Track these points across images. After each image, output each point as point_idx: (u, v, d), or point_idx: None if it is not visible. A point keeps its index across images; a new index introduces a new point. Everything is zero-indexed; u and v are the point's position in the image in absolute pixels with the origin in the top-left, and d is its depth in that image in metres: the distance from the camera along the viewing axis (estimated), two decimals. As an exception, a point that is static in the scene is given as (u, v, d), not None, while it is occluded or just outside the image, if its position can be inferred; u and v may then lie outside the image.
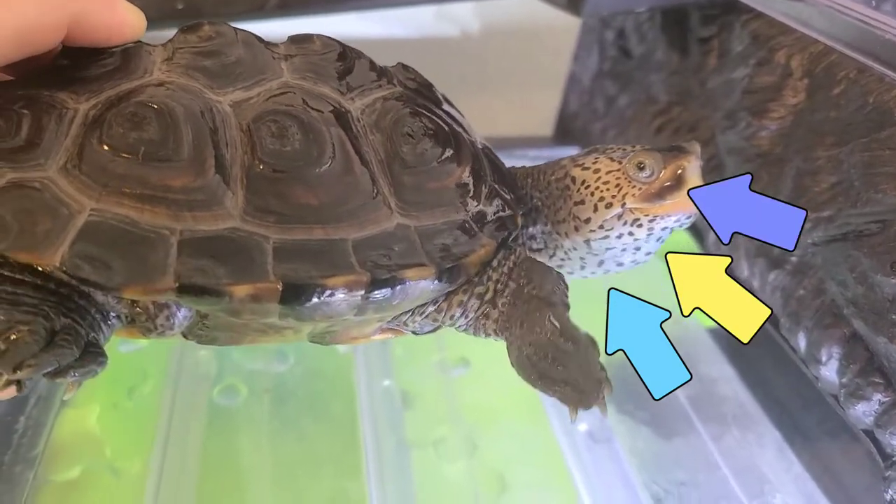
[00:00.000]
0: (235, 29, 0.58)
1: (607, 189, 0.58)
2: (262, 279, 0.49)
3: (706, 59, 0.85)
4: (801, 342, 0.70)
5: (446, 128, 0.58)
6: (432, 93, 0.62)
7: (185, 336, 0.55)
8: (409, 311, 0.58)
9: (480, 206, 0.57)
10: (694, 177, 0.56)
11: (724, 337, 0.83)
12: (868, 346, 0.63)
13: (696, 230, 0.89)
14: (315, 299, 0.51)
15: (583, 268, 0.64)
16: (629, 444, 0.72)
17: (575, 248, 0.62)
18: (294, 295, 0.50)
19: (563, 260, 0.64)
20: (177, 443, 0.69)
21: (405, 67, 0.63)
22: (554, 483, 0.70)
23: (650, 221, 0.58)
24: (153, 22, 0.63)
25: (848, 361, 0.64)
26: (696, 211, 0.56)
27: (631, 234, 0.59)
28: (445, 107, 0.62)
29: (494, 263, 0.58)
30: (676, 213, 0.57)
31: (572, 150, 1.13)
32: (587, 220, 0.59)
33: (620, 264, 0.63)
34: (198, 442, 0.70)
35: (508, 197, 0.59)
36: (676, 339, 0.82)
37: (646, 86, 0.96)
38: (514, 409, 0.77)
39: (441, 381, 0.79)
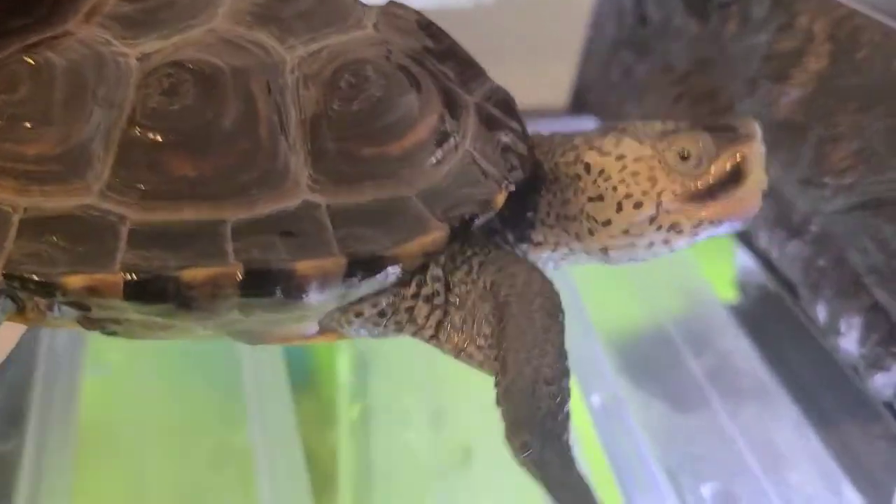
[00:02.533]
0: None
1: (636, 183, 0.46)
2: (104, 269, 0.41)
3: (726, 25, 0.83)
4: (821, 313, 0.68)
5: (409, 78, 0.48)
6: (421, 36, 0.52)
7: (84, 326, 0.49)
8: (339, 311, 0.49)
9: (440, 180, 0.46)
10: (758, 168, 0.44)
11: (740, 311, 0.82)
12: (890, 317, 0.62)
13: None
14: (169, 295, 0.42)
15: (590, 259, 0.53)
16: (643, 418, 0.71)
17: (587, 254, 0.51)
18: (141, 289, 0.42)
19: (566, 255, 0.53)
20: (52, 419, 0.66)
21: (394, 4, 0.53)
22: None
23: (694, 227, 0.46)
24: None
25: (869, 332, 0.62)
26: (757, 210, 0.45)
27: (666, 242, 0.47)
28: (435, 51, 0.52)
29: (451, 257, 0.48)
30: (734, 217, 0.45)
31: (588, 122, 1.12)
32: (606, 223, 0.47)
33: (635, 260, 0.51)
34: (74, 416, 0.66)
35: (491, 169, 0.47)
36: (693, 313, 0.82)
37: (664, 54, 0.94)
38: (483, 382, 0.75)
39: (406, 346, 0.78)
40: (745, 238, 0.79)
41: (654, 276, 0.87)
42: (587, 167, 0.48)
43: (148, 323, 0.47)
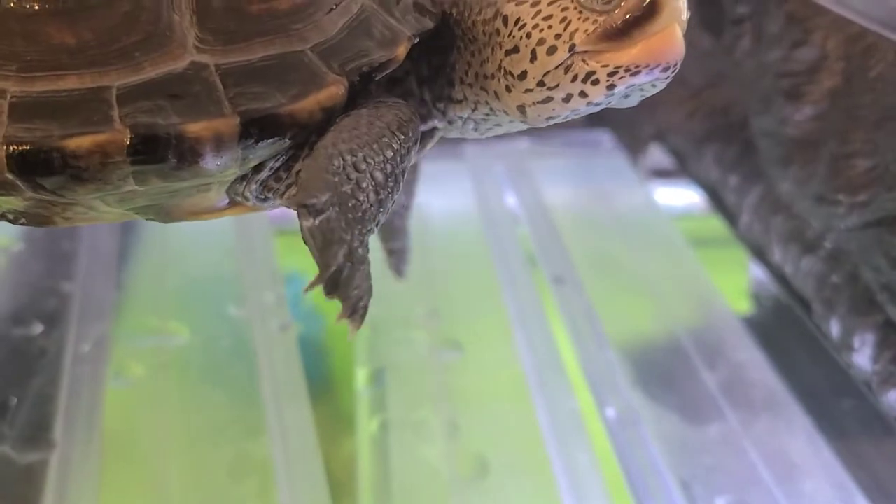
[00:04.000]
0: None
1: (549, 27, 0.43)
2: None
3: (740, 41, 0.83)
4: (835, 329, 0.69)
5: None
6: None
7: None
8: (241, 180, 0.46)
9: (336, 33, 0.44)
10: (673, 1, 0.40)
11: (754, 323, 0.82)
12: (903, 334, 0.63)
13: (726, 211, 0.88)
14: (56, 166, 0.40)
15: (512, 122, 0.50)
16: (657, 430, 0.71)
17: (507, 114, 0.48)
18: (26, 162, 0.40)
19: (487, 115, 0.50)
20: (77, 430, 0.67)
21: None
22: (534, 469, 0.68)
23: (610, 76, 0.42)
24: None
25: (882, 349, 0.63)
26: (679, 57, 0.41)
27: (583, 94, 0.43)
28: None
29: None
30: (651, 63, 0.41)
31: (603, 135, 1.13)
32: (522, 75, 0.44)
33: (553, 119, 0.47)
34: (98, 427, 0.67)
35: (391, 21, 0.45)
36: (707, 326, 0.83)
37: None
38: (501, 394, 0.75)
39: (428, 363, 0.78)
40: (759, 253, 0.80)
41: (669, 288, 0.88)
42: (505, 20, 0.45)
43: (45, 204, 0.45)
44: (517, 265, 0.90)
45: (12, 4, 0.41)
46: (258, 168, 0.46)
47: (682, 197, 1.02)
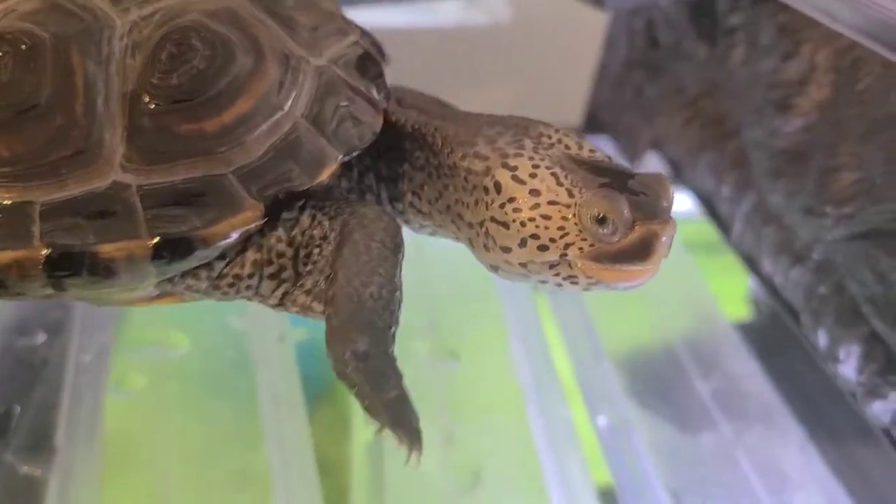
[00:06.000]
0: None
1: (546, 228, 0.44)
2: None
3: (733, 51, 0.84)
4: (822, 339, 0.69)
5: (240, 46, 0.45)
6: None
7: None
8: (171, 280, 0.47)
9: (261, 156, 0.44)
10: (666, 248, 0.44)
11: (749, 332, 0.82)
12: (887, 347, 0.63)
13: (720, 220, 0.88)
14: None
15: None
16: (649, 440, 0.72)
17: (473, 251, 0.49)
18: None
19: (447, 235, 0.53)
20: (78, 441, 0.68)
21: None
22: (527, 479, 0.69)
23: (589, 284, 0.45)
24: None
25: (867, 360, 0.63)
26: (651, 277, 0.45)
27: (559, 285, 0.46)
28: (287, 12, 0.49)
29: (300, 228, 0.46)
30: (629, 284, 0.45)
31: (602, 142, 1.13)
32: (506, 250, 0.46)
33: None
34: (99, 438, 0.69)
35: (320, 141, 0.45)
36: (702, 335, 0.83)
37: (674, 76, 0.95)
38: (496, 404, 0.76)
39: (425, 372, 0.78)
40: (751, 262, 0.81)
41: (665, 296, 0.88)
42: (497, 186, 0.46)
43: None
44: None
45: None
46: (188, 272, 0.47)
47: (678, 204, 1.02)
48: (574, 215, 0.44)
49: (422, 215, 0.53)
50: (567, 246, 0.44)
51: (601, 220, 0.43)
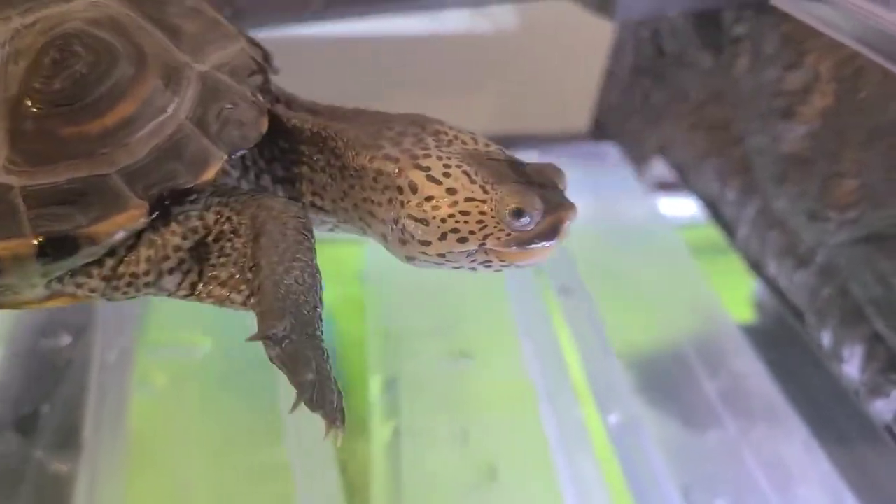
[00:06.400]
0: None
1: (465, 223, 0.47)
2: None
3: (738, 60, 0.86)
4: (826, 339, 0.71)
5: (122, 52, 0.46)
6: (162, 2, 0.50)
7: None
8: (60, 280, 0.48)
9: (145, 156, 0.45)
10: (568, 232, 0.49)
11: (753, 332, 0.84)
12: (888, 346, 0.65)
13: (725, 224, 0.90)
14: None
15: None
16: (658, 437, 0.73)
17: (385, 244, 0.53)
18: None
19: (352, 230, 0.55)
20: (104, 437, 0.69)
21: None
22: (540, 475, 0.71)
23: (502, 264, 0.50)
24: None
25: (869, 360, 0.65)
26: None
27: (473, 269, 0.50)
28: (171, 20, 0.50)
29: (178, 219, 0.47)
30: (535, 262, 0.50)
31: (609, 148, 1.15)
32: (425, 244, 0.49)
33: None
34: (124, 434, 0.70)
35: (204, 141, 0.47)
36: (708, 335, 0.85)
37: (680, 84, 0.97)
38: (509, 402, 0.78)
39: (439, 372, 0.80)
40: (756, 265, 0.82)
41: (672, 298, 0.90)
42: (413, 186, 0.49)
43: None
44: (525, 276, 0.92)
45: None
46: (76, 272, 0.48)
47: (685, 208, 1.04)
48: (491, 209, 0.47)
49: (324, 212, 0.55)
50: (486, 237, 0.48)
51: (517, 213, 0.47)
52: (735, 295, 0.91)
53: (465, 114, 1.31)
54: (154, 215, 0.46)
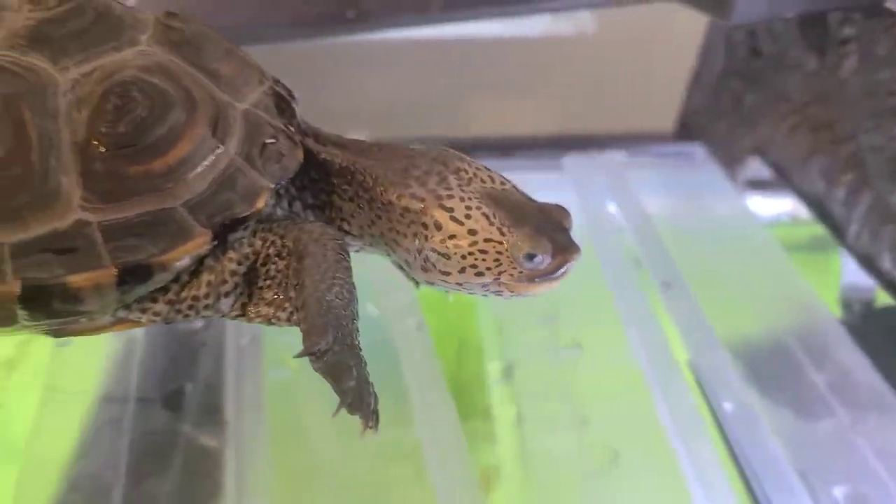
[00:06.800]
0: None
1: (483, 260, 0.53)
2: None
3: (845, 61, 0.88)
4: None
5: (175, 95, 0.50)
6: (195, 47, 0.54)
7: None
8: (126, 307, 0.52)
9: (205, 188, 0.50)
10: (572, 270, 0.55)
11: (853, 327, 0.86)
12: None
13: (833, 223, 0.91)
14: None
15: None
16: (772, 424, 0.75)
17: (407, 268, 0.58)
18: None
19: (377, 253, 0.60)
20: (245, 417, 0.72)
21: (171, 16, 0.55)
22: (661, 460, 0.73)
23: (511, 294, 0.56)
24: (324, 30, 0.67)
25: None
26: None
27: (485, 295, 0.56)
28: (210, 62, 0.54)
29: (234, 246, 0.52)
30: (540, 293, 0.55)
31: (695, 148, 1.17)
32: (445, 273, 0.55)
33: None
34: (263, 414, 0.73)
35: (254, 174, 0.51)
36: (808, 328, 0.86)
37: (777, 85, 0.99)
38: (621, 390, 0.80)
39: (551, 360, 0.83)
40: (868, 261, 0.84)
41: (770, 293, 0.92)
42: (437, 225, 0.54)
43: None
44: (625, 270, 0.94)
45: None
46: (142, 299, 0.52)
47: (774, 206, 1.06)
48: (507, 250, 0.53)
49: (351, 236, 0.60)
50: (500, 273, 0.54)
51: (530, 256, 0.53)
52: (824, 291, 0.93)
53: (548, 115, 1.34)
54: (216, 242, 0.51)
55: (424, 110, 1.27)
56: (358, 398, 0.48)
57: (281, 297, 0.53)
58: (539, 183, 1.08)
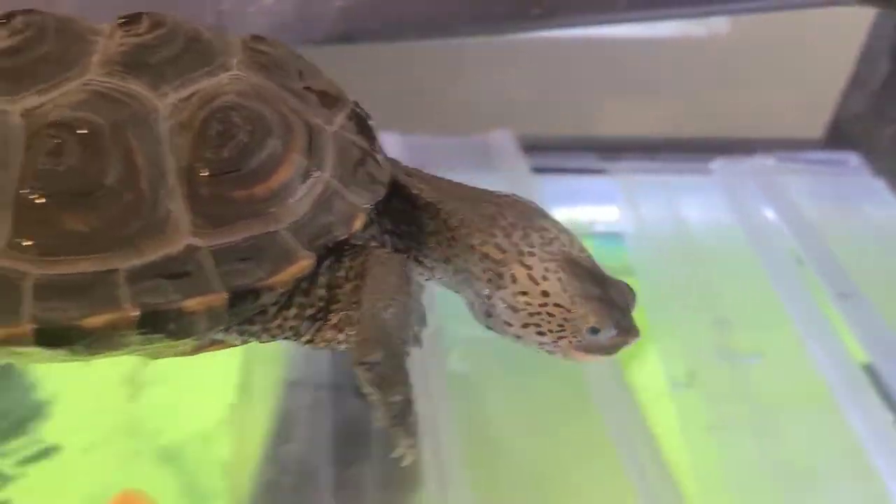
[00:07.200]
0: (55, 16, 0.53)
1: (548, 322, 0.54)
2: (11, 323, 0.45)
3: None
4: None
5: (272, 119, 0.50)
6: (284, 71, 0.54)
7: None
8: (230, 326, 0.52)
9: (306, 211, 0.50)
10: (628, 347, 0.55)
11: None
12: None
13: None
14: (78, 341, 0.46)
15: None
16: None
17: (470, 308, 0.58)
18: (51, 338, 0.46)
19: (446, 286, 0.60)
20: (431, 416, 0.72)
21: (257, 39, 0.56)
22: (860, 476, 0.71)
23: (563, 356, 0.56)
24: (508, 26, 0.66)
25: None
26: None
27: (537, 349, 0.56)
28: (297, 85, 0.54)
29: (328, 266, 0.53)
30: (588, 362, 0.56)
31: (848, 157, 1.14)
32: (507, 324, 0.55)
33: None
34: (446, 406, 0.74)
35: (350, 196, 0.51)
36: None
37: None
38: (806, 400, 0.78)
39: (731, 367, 0.81)
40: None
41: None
42: (513, 279, 0.54)
43: (54, 357, 0.50)
44: (794, 282, 0.92)
45: (31, 194, 0.46)
46: (240, 322, 0.53)
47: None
48: (573, 319, 0.53)
49: (423, 267, 0.59)
50: (560, 338, 0.54)
51: (594, 331, 0.53)
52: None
53: (683, 119, 1.33)
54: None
55: (565, 110, 1.27)
56: (402, 415, 0.49)
57: (344, 320, 0.53)
58: (686, 185, 1.08)
